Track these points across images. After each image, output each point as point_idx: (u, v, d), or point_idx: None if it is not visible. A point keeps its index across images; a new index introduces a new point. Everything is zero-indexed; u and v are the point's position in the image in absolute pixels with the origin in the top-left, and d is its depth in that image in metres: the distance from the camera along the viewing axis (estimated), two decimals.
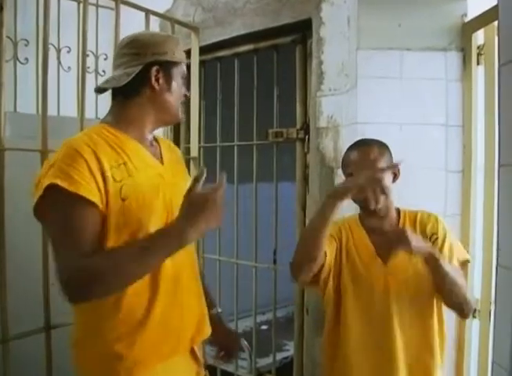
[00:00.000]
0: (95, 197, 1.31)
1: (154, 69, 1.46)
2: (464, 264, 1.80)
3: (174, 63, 1.50)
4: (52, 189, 1.28)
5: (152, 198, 1.43)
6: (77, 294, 1.29)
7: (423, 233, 1.76)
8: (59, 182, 1.28)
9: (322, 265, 1.73)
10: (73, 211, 1.30)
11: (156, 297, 1.42)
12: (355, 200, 1.74)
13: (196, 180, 1.29)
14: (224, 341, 1.76)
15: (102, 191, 1.33)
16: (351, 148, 1.80)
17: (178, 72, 1.52)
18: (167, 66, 1.48)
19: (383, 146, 1.77)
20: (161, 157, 1.56)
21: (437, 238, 1.75)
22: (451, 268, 1.66)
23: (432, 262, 1.61)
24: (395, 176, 1.78)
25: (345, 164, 1.78)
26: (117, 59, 1.51)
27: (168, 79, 1.49)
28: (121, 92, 1.47)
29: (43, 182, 1.30)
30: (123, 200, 1.36)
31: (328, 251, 1.74)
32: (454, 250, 1.76)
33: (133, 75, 1.43)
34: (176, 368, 1.49)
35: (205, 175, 1.30)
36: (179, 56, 1.52)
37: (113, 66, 1.52)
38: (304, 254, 1.67)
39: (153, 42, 1.48)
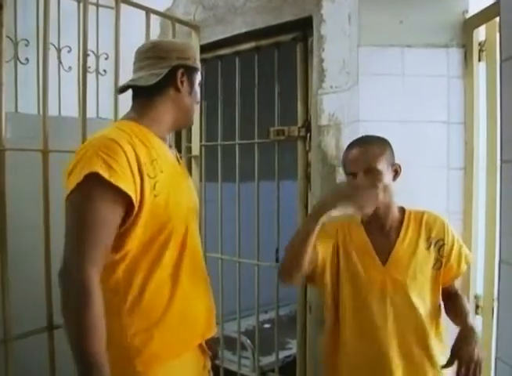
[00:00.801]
0: (131, 191, 1.33)
1: (180, 71, 1.53)
2: (469, 264, 1.80)
3: (195, 69, 1.59)
4: (90, 177, 1.30)
5: (177, 197, 1.48)
6: (63, 289, 1.31)
7: (429, 236, 1.75)
8: (100, 171, 1.29)
9: (315, 266, 1.73)
10: (104, 205, 1.31)
11: (175, 295, 1.45)
12: None
13: None
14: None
15: (138, 186, 1.36)
16: (350, 146, 1.77)
17: (197, 78, 1.60)
18: (190, 71, 1.56)
19: (383, 143, 1.75)
20: (177, 160, 1.63)
21: (443, 244, 1.73)
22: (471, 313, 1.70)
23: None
24: (396, 174, 1.76)
25: (345, 163, 1.76)
26: (138, 62, 1.56)
27: (190, 83, 1.57)
28: (145, 91, 1.52)
29: (81, 169, 1.31)
30: (155, 196, 1.39)
31: (321, 249, 1.73)
32: (462, 255, 1.76)
33: (162, 75, 1.49)
34: (189, 362, 1.53)
35: None
36: (198, 63, 1.61)
37: (135, 68, 1.57)
38: (292, 261, 1.66)
39: (177, 48, 1.56)
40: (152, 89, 1.51)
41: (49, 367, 1.86)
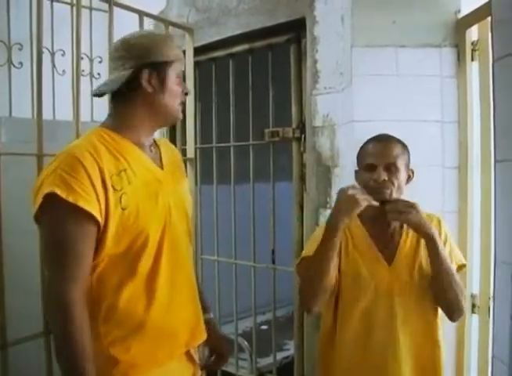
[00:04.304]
0: (93, 208, 1.30)
1: (145, 72, 1.42)
2: (461, 268, 1.79)
3: (167, 63, 1.44)
4: (50, 197, 1.28)
5: (151, 205, 1.42)
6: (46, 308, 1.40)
7: None
8: (58, 191, 1.27)
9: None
10: (69, 224, 1.30)
11: (153, 302, 1.42)
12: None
13: None
14: (216, 346, 1.75)
15: (102, 201, 1.32)
16: (373, 139, 1.76)
17: (172, 71, 1.46)
18: (159, 67, 1.43)
19: (405, 145, 1.76)
20: (161, 162, 1.54)
21: None
22: (449, 261, 1.65)
23: (431, 244, 1.61)
24: (409, 178, 1.76)
25: (365, 155, 1.73)
26: (111, 63, 1.48)
27: (162, 80, 1.44)
28: (117, 95, 1.46)
29: (42, 189, 1.29)
30: (123, 209, 1.35)
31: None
32: (453, 254, 1.75)
33: (123, 80, 1.40)
34: (173, 372, 1.49)
35: None
36: (171, 54, 1.46)
37: (109, 69, 1.50)
38: (318, 286, 1.66)
39: (144, 44, 1.44)
40: (122, 94, 1.43)
41: (46, 372, 1.85)
